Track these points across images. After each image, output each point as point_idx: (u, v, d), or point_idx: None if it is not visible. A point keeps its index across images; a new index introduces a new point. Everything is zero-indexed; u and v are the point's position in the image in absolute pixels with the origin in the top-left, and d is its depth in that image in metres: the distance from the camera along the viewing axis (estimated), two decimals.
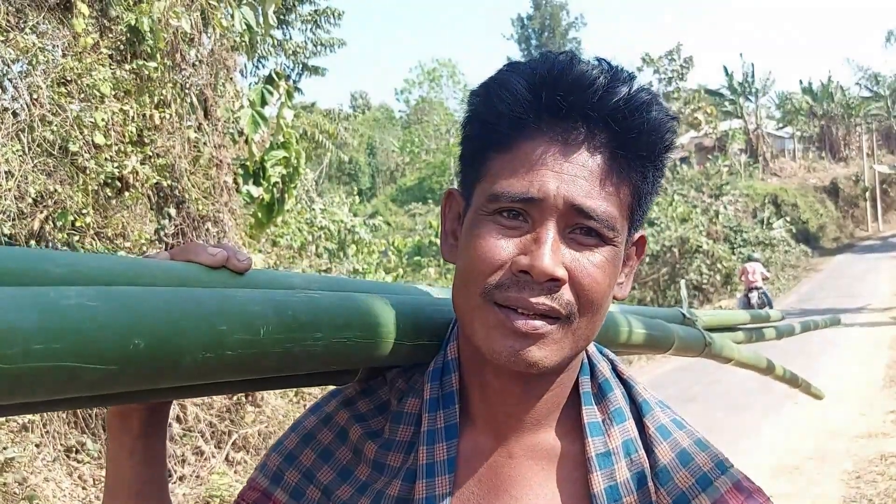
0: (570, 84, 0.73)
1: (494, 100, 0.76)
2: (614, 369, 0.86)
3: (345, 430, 0.86)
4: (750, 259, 17.15)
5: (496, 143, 0.76)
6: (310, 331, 0.67)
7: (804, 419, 7.85)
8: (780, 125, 43.52)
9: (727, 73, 39.01)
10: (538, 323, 0.73)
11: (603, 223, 0.74)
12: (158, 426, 0.82)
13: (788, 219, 29.16)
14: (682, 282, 4.48)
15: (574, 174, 0.73)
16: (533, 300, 0.72)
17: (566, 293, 0.73)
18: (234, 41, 7.17)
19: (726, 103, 39.55)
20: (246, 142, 7.44)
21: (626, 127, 0.74)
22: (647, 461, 0.79)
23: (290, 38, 16.69)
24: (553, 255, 0.72)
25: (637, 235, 0.83)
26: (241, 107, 7.38)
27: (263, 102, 7.37)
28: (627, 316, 1.38)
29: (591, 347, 0.86)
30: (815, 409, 7.80)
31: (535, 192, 0.73)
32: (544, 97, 0.74)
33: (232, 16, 6.77)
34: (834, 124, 42.32)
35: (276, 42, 15.72)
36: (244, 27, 6.90)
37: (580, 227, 0.74)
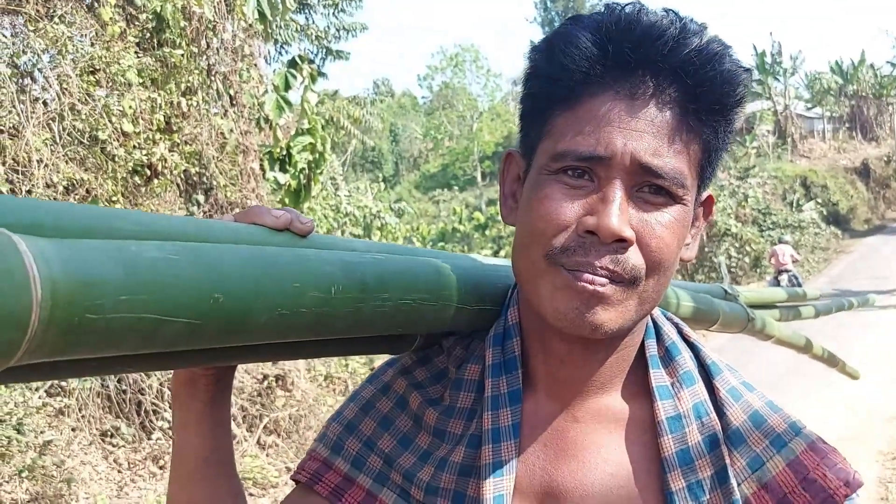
0: (639, 36, 0.71)
1: (559, 54, 0.73)
2: (680, 333, 0.84)
3: (403, 398, 0.85)
4: (780, 241, 16.94)
5: (560, 99, 0.74)
6: (378, 292, 0.66)
7: (838, 400, 7.76)
8: (810, 106, 42.79)
9: (756, 53, 38.37)
10: (604, 281, 0.71)
11: (672, 181, 0.71)
12: (224, 392, 0.82)
13: (819, 200, 28.70)
14: (722, 258, 4.43)
15: (642, 130, 0.71)
16: (598, 263, 0.70)
17: (633, 255, 0.71)
18: (253, 27, 7.18)
19: (754, 84, 38.92)
20: (270, 127, 7.46)
21: (698, 79, 0.71)
22: (718, 424, 0.77)
23: (313, 23, 16.69)
24: (621, 214, 0.70)
25: (705, 195, 0.80)
26: (266, 92, 7.40)
27: (287, 86, 7.37)
28: (675, 289, 1.36)
29: (656, 311, 0.84)
30: (848, 390, 7.69)
31: (602, 151, 0.70)
32: (612, 50, 0.71)
33: None
34: (865, 104, 41.51)
35: (298, 27, 15.73)
36: (256, 16, 6.90)
37: (648, 186, 0.72)
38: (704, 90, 0.72)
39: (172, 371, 0.77)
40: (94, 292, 0.43)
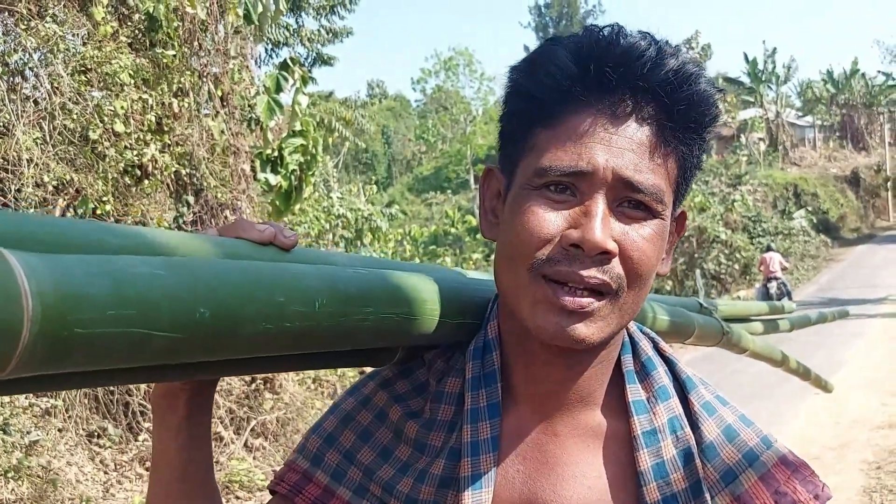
0: (619, 56, 0.73)
1: (540, 73, 0.75)
2: (656, 347, 0.86)
3: (384, 410, 0.85)
4: (769, 249, 17.03)
5: (542, 117, 0.76)
6: (360, 305, 0.67)
7: (825, 409, 7.80)
8: (801, 114, 43.01)
9: (747, 61, 38.55)
10: (585, 301, 0.72)
11: (651, 196, 0.74)
12: (204, 406, 0.82)
13: (809, 208, 28.85)
14: (697, 271, 4.47)
15: (622, 147, 0.73)
16: (584, 273, 0.72)
17: (616, 266, 0.73)
18: (241, 29, 7.19)
19: (745, 92, 39.13)
20: (261, 129, 7.45)
21: (675, 98, 0.74)
22: (692, 438, 0.79)
23: (304, 26, 16.63)
24: (604, 228, 0.72)
25: (678, 211, 0.82)
26: (257, 93, 7.39)
27: (278, 89, 7.36)
28: (651, 303, 1.38)
29: (632, 326, 0.86)
30: (836, 399, 7.76)
31: (585, 165, 0.72)
32: (592, 70, 0.73)
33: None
34: (856, 113, 41.77)
35: (291, 30, 15.70)
36: (242, 19, 6.92)
37: (629, 201, 0.74)
38: (681, 109, 0.74)
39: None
40: (83, 307, 0.44)
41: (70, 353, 0.44)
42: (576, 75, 0.74)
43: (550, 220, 0.73)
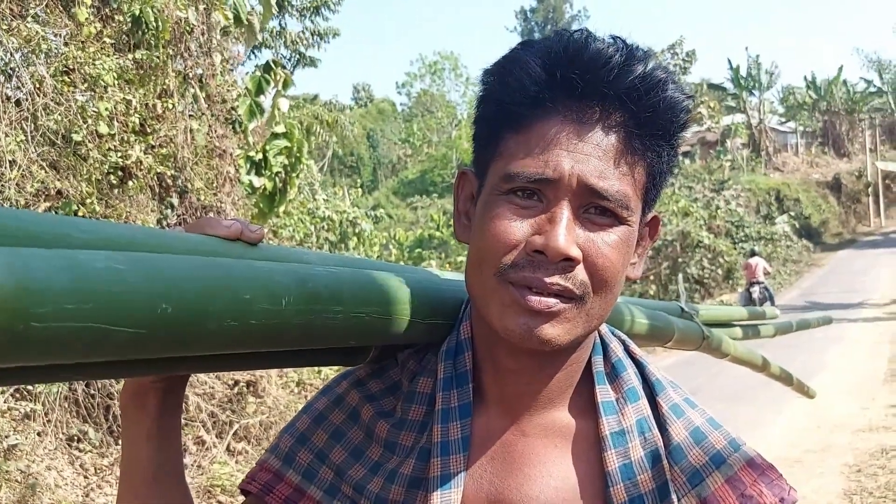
0: (586, 62, 0.73)
1: (509, 79, 0.75)
2: (626, 349, 0.86)
3: (356, 410, 0.86)
4: (753, 254, 17.19)
5: (511, 122, 0.76)
6: (330, 304, 0.67)
7: (806, 412, 7.86)
8: (784, 120, 43.41)
9: (731, 67, 38.87)
10: (552, 301, 0.73)
11: (617, 203, 0.74)
12: (174, 407, 0.81)
13: (792, 213, 29.10)
14: (680, 276, 4.49)
15: (588, 154, 0.73)
16: (547, 280, 0.72)
17: (580, 273, 0.73)
18: (230, 31, 7.16)
19: (729, 98, 39.46)
20: (243, 130, 7.41)
21: (642, 105, 0.74)
22: (660, 439, 0.79)
23: (286, 27, 16.56)
24: (567, 234, 0.72)
25: (650, 216, 0.83)
26: (240, 95, 7.35)
27: (260, 91, 7.33)
28: (630, 306, 1.38)
29: (604, 328, 0.86)
30: (817, 402, 7.80)
31: (550, 173, 0.73)
32: (560, 76, 0.73)
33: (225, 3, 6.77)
34: (837, 119, 42.19)
35: (274, 32, 15.64)
36: (231, 20, 6.89)
37: (594, 207, 0.74)
38: (648, 116, 0.74)
39: (122, 383, 0.77)
40: (40, 300, 0.43)
41: (26, 347, 0.43)
42: (544, 81, 0.74)
43: (516, 227, 0.73)
